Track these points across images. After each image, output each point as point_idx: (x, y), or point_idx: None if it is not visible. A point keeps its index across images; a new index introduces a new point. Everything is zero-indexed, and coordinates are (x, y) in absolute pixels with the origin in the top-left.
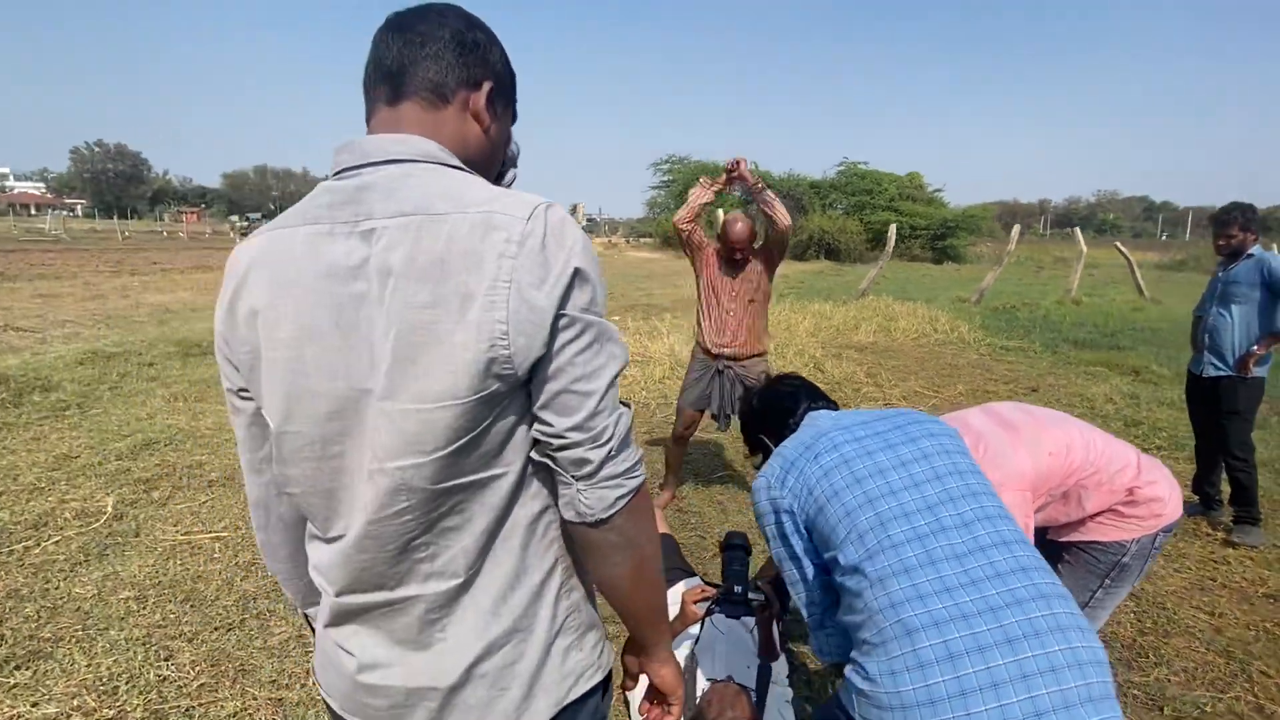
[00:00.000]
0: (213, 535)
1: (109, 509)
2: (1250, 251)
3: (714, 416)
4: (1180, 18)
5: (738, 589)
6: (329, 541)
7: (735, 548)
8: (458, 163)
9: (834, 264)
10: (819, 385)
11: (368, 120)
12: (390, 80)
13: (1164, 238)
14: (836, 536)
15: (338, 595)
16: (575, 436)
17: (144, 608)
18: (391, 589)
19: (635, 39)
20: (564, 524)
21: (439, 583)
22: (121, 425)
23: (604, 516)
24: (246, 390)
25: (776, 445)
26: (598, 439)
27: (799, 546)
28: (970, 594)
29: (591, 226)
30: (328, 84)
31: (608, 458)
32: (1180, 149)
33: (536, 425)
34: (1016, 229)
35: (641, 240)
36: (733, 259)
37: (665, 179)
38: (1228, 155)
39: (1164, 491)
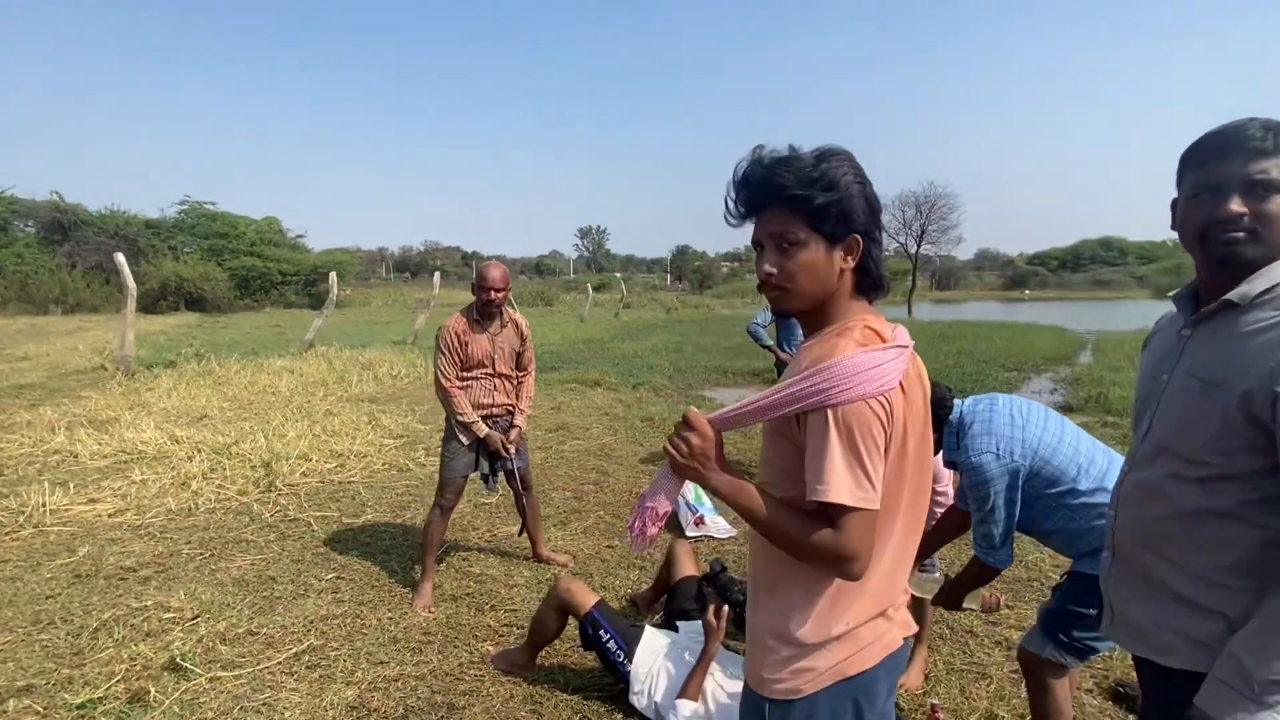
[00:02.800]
0: None
1: None
2: None
3: (483, 478)
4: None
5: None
6: None
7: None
8: None
9: (204, 315)
10: None
11: None
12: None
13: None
14: (1068, 474)
15: None
16: None
17: None
18: None
19: None
20: None
21: None
22: None
23: None
24: None
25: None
26: None
27: (1016, 494)
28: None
29: None
30: None
31: None
32: (490, 209)
33: None
34: (438, 275)
35: None
36: (488, 311)
37: None
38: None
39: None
